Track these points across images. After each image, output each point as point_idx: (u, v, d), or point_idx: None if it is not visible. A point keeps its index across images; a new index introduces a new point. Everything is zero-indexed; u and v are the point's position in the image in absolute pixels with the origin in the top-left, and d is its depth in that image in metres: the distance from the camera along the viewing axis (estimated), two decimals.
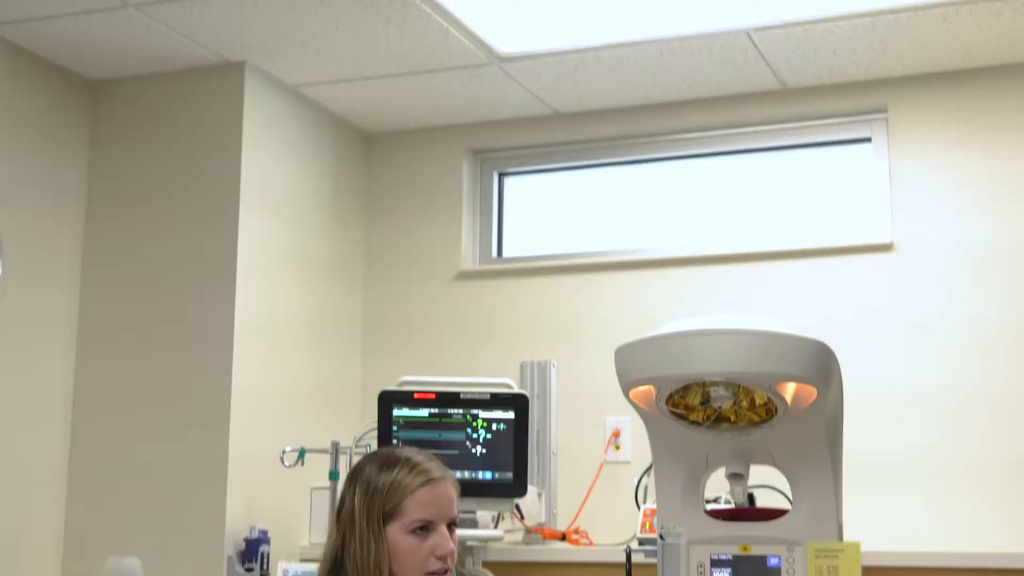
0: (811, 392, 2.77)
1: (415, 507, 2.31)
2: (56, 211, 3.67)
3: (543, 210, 4.30)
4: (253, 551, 3.44)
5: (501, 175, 4.34)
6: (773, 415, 2.82)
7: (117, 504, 3.54)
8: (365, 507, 2.31)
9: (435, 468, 2.36)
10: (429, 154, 4.28)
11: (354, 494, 2.34)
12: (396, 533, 2.30)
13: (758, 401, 2.82)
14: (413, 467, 2.33)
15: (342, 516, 2.35)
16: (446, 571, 2.34)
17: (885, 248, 3.74)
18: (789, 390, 2.76)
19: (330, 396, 4.01)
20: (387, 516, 2.30)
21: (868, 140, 3.91)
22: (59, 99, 3.71)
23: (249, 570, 3.42)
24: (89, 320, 3.69)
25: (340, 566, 2.33)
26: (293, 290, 3.87)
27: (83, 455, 3.61)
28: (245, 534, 3.47)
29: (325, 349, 4.02)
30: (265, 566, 3.44)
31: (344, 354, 4.12)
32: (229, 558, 3.42)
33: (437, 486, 2.34)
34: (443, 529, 2.33)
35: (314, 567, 3.39)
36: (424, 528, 2.31)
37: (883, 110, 3.84)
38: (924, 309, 3.65)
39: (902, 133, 3.80)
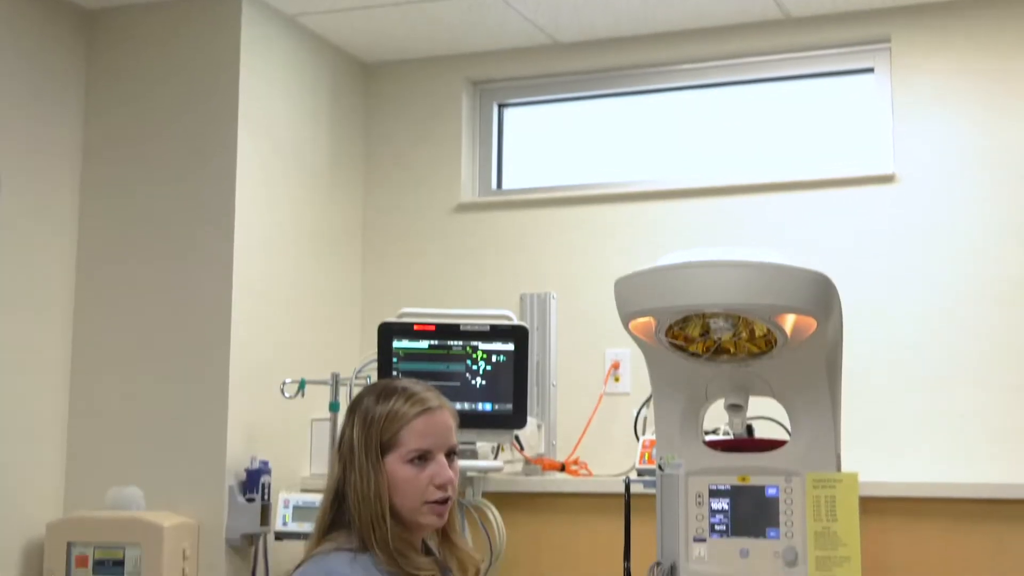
0: (811, 324, 2.77)
1: (412, 437, 2.31)
2: (53, 142, 3.65)
3: (543, 141, 4.28)
4: (254, 481, 3.46)
5: (501, 106, 4.31)
6: (773, 347, 2.83)
7: (118, 436, 3.55)
8: (363, 438, 2.32)
9: (432, 397, 2.36)
10: (428, 85, 4.25)
11: (353, 426, 2.35)
12: (394, 463, 2.31)
13: (758, 333, 2.83)
14: (410, 397, 2.34)
15: (342, 448, 2.36)
16: (446, 500, 2.35)
17: (886, 179, 3.72)
18: (789, 322, 2.76)
19: (329, 328, 4.01)
20: (385, 446, 2.31)
21: (871, 70, 3.87)
22: (54, 29, 3.67)
23: (250, 500, 3.45)
24: (88, 251, 3.68)
25: (342, 498, 2.34)
26: (291, 221, 3.86)
27: (84, 390, 3.61)
28: (246, 465, 3.48)
29: (325, 280, 4.01)
30: (266, 496, 3.46)
31: (343, 285, 4.12)
32: (230, 488, 3.44)
33: (434, 415, 2.34)
34: (441, 458, 2.34)
35: (315, 497, 3.42)
36: (422, 458, 2.32)
37: (886, 40, 3.80)
38: (925, 240, 3.64)
39: (905, 63, 3.76)
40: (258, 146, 3.69)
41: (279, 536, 3.47)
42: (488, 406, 3.37)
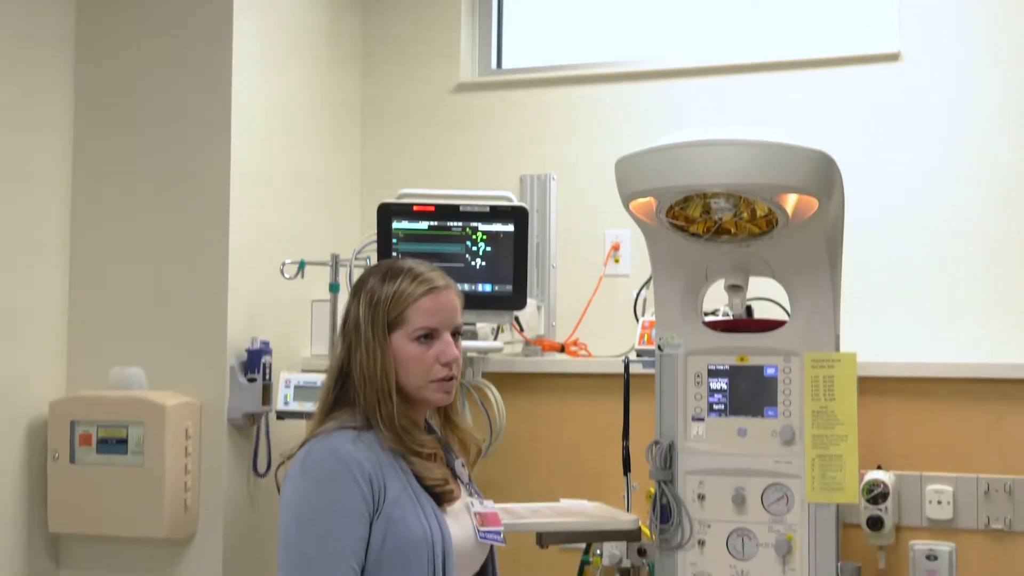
0: (812, 204, 2.76)
1: (418, 315, 2.34)
2: (45, 6, 3.57)
3: (543, 20, 4.21)
4: (255, 362, 3.48)
5: None
6: (773, 227, 2.82)
7: (119, 317, 3.55)
8: (370, 317, 2.34)
9: (438, 277, 2.39)
10: None
11: (358, 305, 2.37)
12: (400, 341, 2.34)
13: (759, 213, 2.82)
14: (416, 277, 2.36)
15: (347, 327, 2.38)
16: (451, 378, 2.38)
17: (892, 58, 3.67)
18: (790, 201, 2.75)
19: (329, 209, 3.99)
20: (391, 325, 2.34)
21: None
22: None
23: (251, 380, 3.46)
24: (84, 132, 3.63)
25: (346, 377, 2.37)
26: (289, 101, 3.81)
27: (84, 270, 3.60)
28: (247, 345, 3.50)
29: (323, 161, 3.99)
30: (267, 376, 3.48)
31: (342, 166, 4.10)
32: (231, 368, 3.46)
33: (440, 295, 2.37)
34: (447, 336, 2.37)
35: (316, 377, 3.44)
36: (428, 336, 2.35)
37: None
38: (930, 120, 3.60)
39: None
40: (255, 24, 3.63)
41: (280, 415, 3.49)
42: (488, 287, 3.37)
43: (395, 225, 3.38)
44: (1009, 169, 3.52)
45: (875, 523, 3.22)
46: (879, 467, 3.28)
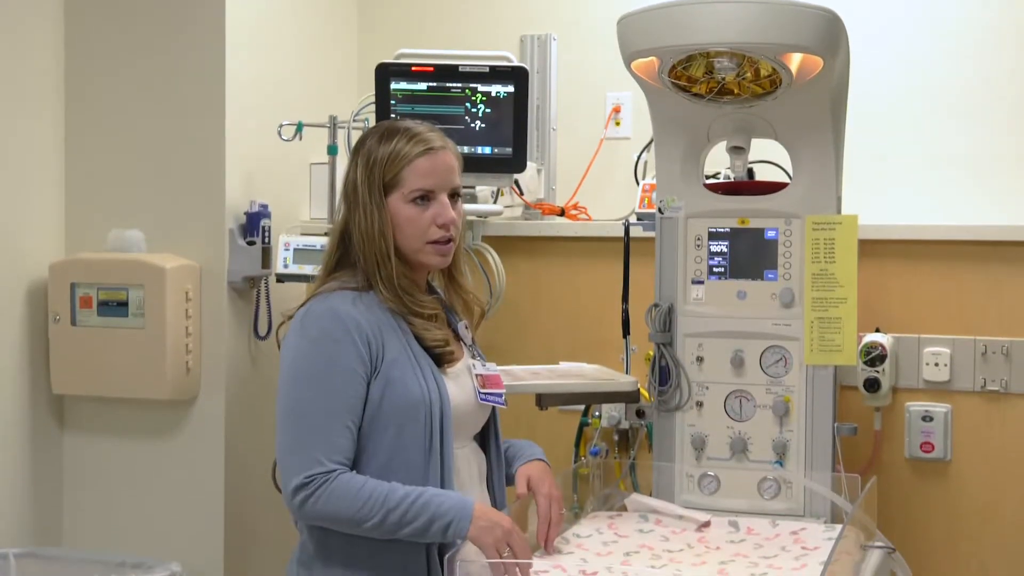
0: (817, 63, 2.73)
1: (414, 176, 2.34)
2: None
3: None
4: (254, 224, 3.46)
5: None
6: (777, 87, 2.79)
7: (117, 180, 3.53)
8: (366, 178, 2.34)
9: (435, 138, 2.37)
10: None
11: (356, 166, 2.36)
12: (397, 203, 2.34)
13: (762, 72, 2.78)
14: (412, 137, 2.35)
15: (346, 189, 2.38)
16: (449, 240, 2.38)
17: None
18: (794, 61, 2.72)
19: (326, 71, 3.94)
20: (388, 186, 2.34)
21: None
22: None
23: (251, 243, 3.46)
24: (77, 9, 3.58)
25: (348, 238, 2.38)
26: None
27: (79, 135, 3.56)
28: (245, 208, 3.48)
29: (320, 20, 3.92)
30: (267, 239, 3.47)
31: (339, 25, 4.03)
32: (230, 231, 3.45)
33: (436, 155, 2.36)
34: (443, 198, 2.36)
35: (315, 240, 3.44)
36: (424, 198, 2.34)
37: None
38: None
39: None
40: None
41: (280, 278, 3.49)
42: (487, 149, 3.34)
43: (393, 86, 3.33)
44: (1018, 23, 3.44)
45: (872, 385, 3.25)
46: (877, 329, 3.30)
